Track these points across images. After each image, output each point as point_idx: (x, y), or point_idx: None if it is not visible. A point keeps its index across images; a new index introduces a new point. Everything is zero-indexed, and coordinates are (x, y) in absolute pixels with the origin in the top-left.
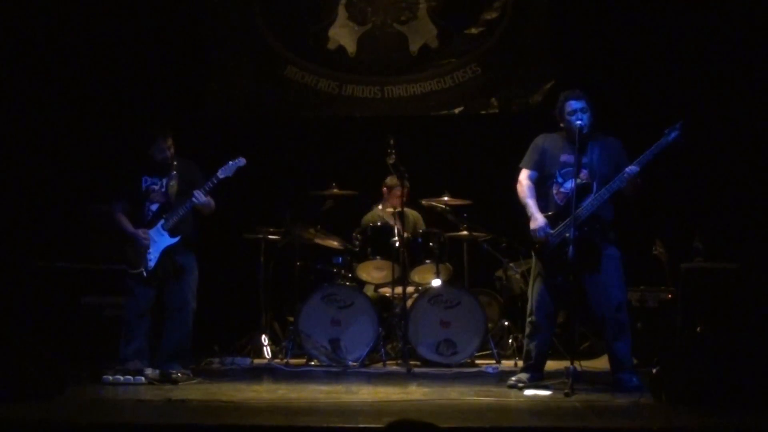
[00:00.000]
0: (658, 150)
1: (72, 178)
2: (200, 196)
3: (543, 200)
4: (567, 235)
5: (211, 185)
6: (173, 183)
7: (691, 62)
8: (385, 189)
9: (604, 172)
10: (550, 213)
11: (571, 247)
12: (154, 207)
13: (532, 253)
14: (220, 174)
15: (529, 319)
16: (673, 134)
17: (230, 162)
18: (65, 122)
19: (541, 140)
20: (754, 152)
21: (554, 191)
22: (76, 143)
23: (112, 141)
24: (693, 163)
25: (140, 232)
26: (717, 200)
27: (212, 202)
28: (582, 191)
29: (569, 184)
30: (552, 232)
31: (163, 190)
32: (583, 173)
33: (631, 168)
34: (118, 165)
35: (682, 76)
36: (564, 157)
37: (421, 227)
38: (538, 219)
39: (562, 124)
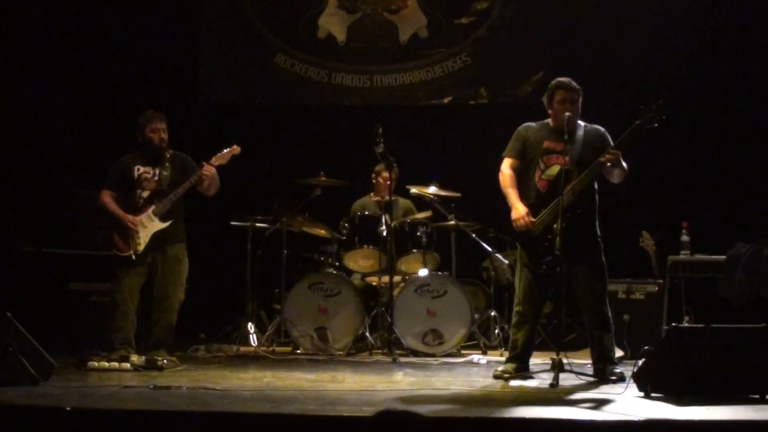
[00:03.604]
0: (636, 130)
1: (61, 164)
2: (209, 169)
3: (525, 188)
4: (555, 226)
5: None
6: (166, 172)
7: (680, 54)
8: (374, 177)
9: (587, 158)
10: (531, 202)
11: (556, 240)
12: (145, 194)
13: (517, 244)
14: (215, 162)
15: (515, 309)
16: (648, 116)
17: (225, 149)
18: (54, 107)
19: (523, 130)
20: (740, 145)
21: (536, 178)
22: (65, 129)
23: (102, 127)
24: (679, 155)
25: (129, 216)
26: (703, 192)
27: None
28: (564, 178)
29: (551, 171)
30: (534, 220)
31: (156, 178)
32: (565, 160)
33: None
34: (111, 152)
35: (671, 68)
36: (547, 144)
37: (414, 216)
38: (519, 208)
39: (549, 111)
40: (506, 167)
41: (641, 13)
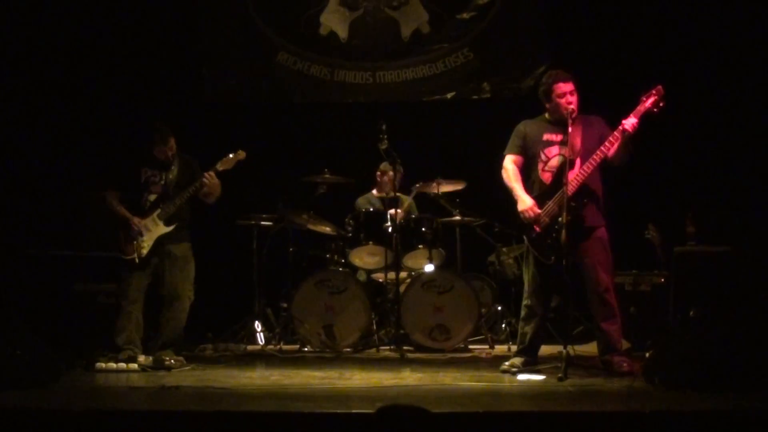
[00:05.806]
0: (638, 114)
1: (66, 165)
2: (210, 178)
3: (529, 181)
4: (559, 218)
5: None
6: (172, 176)
7: (684, 45)
8: (379, 174)
9: (588, 147)
10: (536, 194)
11: (563, 232)
12: (152, 198)
13: (524, 237)
14: (219, 167)
15: (524, 303)
16: (651, 99)
17: (230, 155)
18: (60, 109)
19: (522, 126)
20: (745, 135)
21: (539, 170)
22: (70, 130)
23: (106, 128)
24: (684, 146)
25: (135, 219)
26: (709, 183)
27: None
28: (566, 168)
29: (553, 162)
30: (540, 211)
31: (163, 182)
32: (566, 150)
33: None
34: (117, 154)
35: (676, 59)
36: (547, 136)
37: (414, 213)
38: (525, 200)
39: (547, 105)
40: (508, 163)
41: (644, 3)
